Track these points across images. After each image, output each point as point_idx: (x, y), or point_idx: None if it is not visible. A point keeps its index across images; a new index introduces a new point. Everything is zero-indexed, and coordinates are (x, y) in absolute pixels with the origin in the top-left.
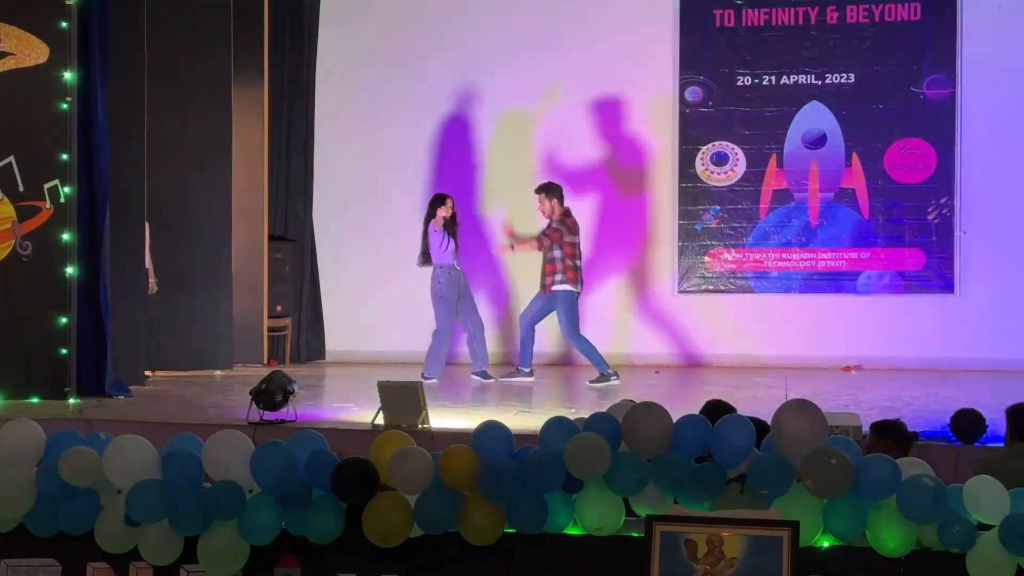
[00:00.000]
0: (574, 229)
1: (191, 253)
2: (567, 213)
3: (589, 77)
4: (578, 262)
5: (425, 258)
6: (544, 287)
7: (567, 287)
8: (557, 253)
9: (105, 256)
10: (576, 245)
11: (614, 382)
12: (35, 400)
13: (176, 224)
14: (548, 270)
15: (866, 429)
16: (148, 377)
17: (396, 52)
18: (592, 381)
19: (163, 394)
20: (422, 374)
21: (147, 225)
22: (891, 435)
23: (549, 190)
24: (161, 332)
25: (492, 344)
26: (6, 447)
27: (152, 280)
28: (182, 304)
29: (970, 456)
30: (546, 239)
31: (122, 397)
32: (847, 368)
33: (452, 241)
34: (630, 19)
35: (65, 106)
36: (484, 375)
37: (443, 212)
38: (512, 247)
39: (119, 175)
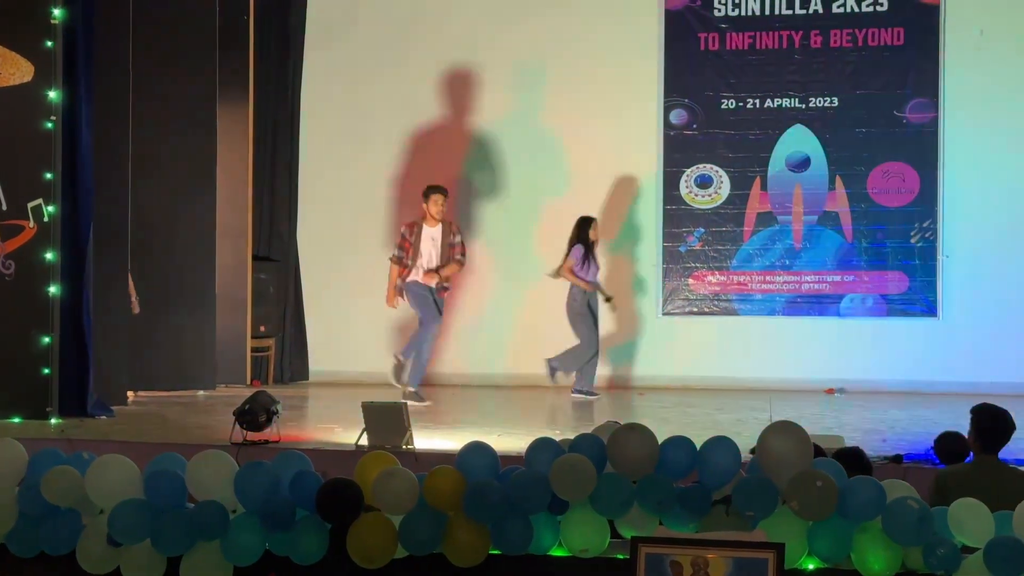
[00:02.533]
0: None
1: (175, 273)
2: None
3: (574, 99)
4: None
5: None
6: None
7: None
8: (463, 259)
9: (88, 275)
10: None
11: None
12: (17, 420)
13: (160, 244)
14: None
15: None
16: (131, 397)
17: (381, 75)
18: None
19: (146, 414)
20: (576, 390)
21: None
22: (851, 463)
23: (446, 192)
24: (144, 352)
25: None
26: None
27: (134, 300)
28: (165, 324)
29: None
30: (452, 250)
31: (104, 417)
32: (830, 391)
33: (594, 263)
34: (615, 42)
35: (50, 125)
36: (588, 393)
37: (592, 235)
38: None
39: (103, 194)
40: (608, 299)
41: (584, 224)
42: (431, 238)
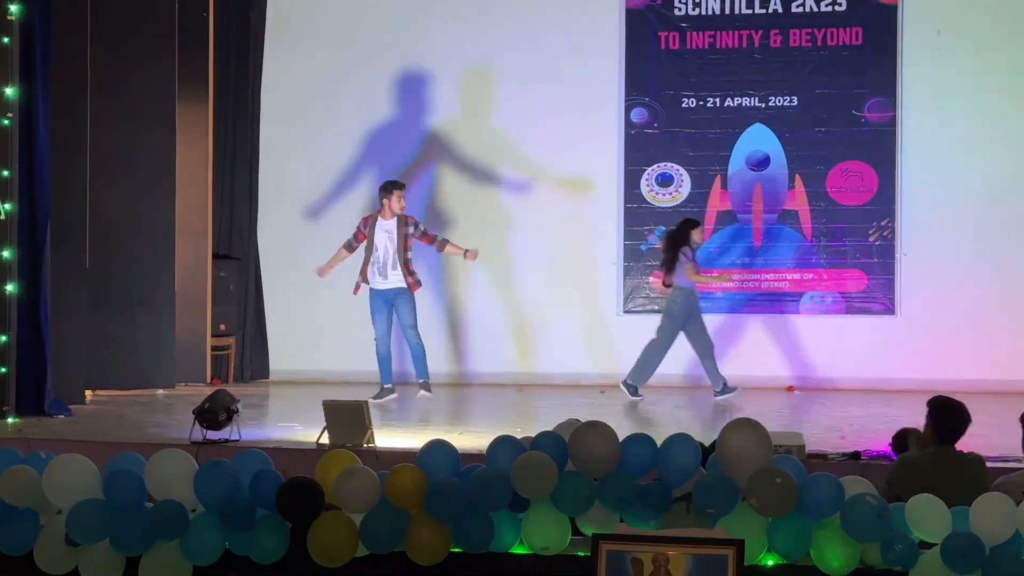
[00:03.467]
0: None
1: (134, 271)
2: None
3: (534, 97)
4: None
5: (668, 274)
6: (410, 286)
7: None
8: (411, 254)
9: (46, 274)
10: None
11: (392, 396)
12: None
13: (119, 242)
14: (411, 270)
15: (810, 448)
16: (89, 396)
17: (341, 73)
18: (375, 397)
19: (104, 413)
20: (625, 382)
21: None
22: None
23: (403, 187)
24: (103, 351)
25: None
26: None
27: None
28: (124, 322)
29: None
30: (406, 243)
31: (62, 416)
32: (790, 388)
33: (696, 264)
34: (576, 41)
35: (6, 122)
36: (726, 390)
37: (696, 237)
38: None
39: (61, 192)
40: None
41: (689, 226)
42: (385, 231)
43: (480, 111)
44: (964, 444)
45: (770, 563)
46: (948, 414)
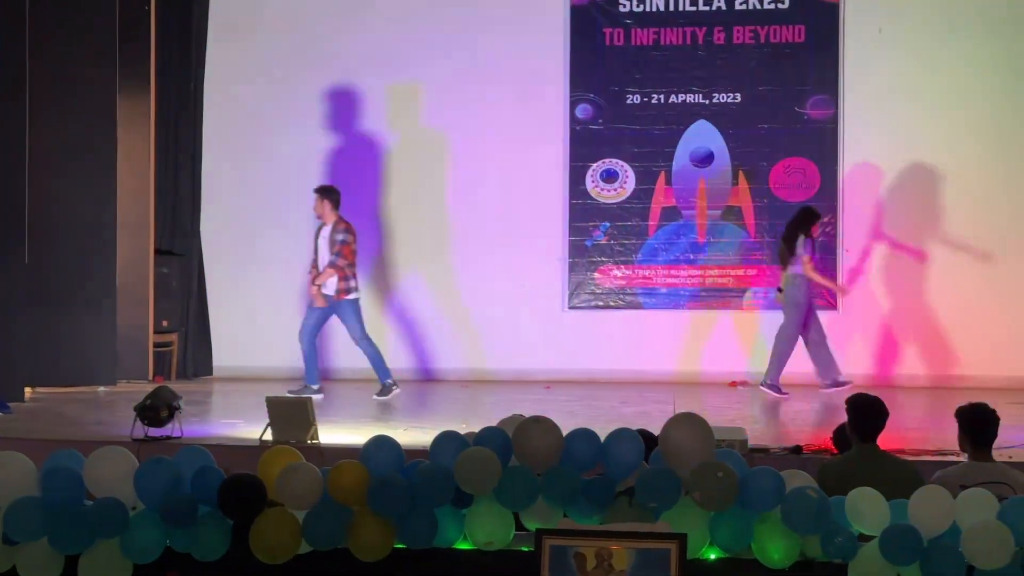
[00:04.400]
0: (355, 235)
1: (74, 266)
2: (345, 220)
3: (479, 93)
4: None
5: (785, 265)
6: (325, 297)
7: (355, 295)
8: (342, 261)
9: None
10: (355, 252)
11: (396, 392)
12: None
13: (59, 236)
14: (343, 276)
15: (753, 443)
16: (28, 393)
17: (285, 71)
18: (378, 394)
19: (43, 410)
20: (765, 382)
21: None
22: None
23: (327, 192)
24: (43, 347)
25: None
26: None
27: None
28: (65, 318)
29: None
30: (339, 259)
31: (1, 413)
32: (734, 383)
33: (816, 255)
34: (519, 36)
35: None
36: (836, 383)
37: (816, 230)
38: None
39: None
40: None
41: (811, 216)
42: (324, 236)
43: (424, 107)
44: (903, 439)
45: (712, 556)
46: (865, 411)
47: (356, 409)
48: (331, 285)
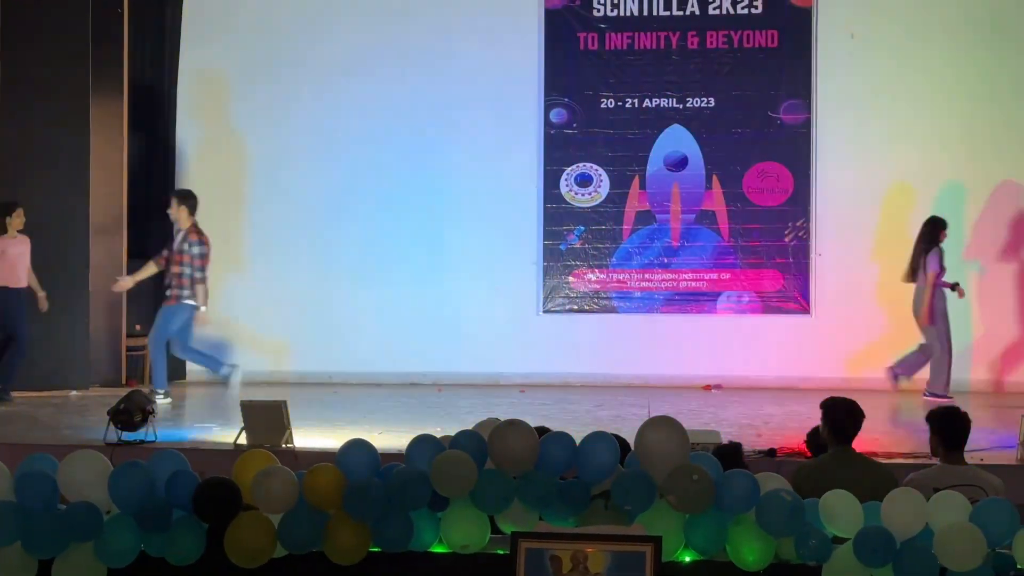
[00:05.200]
0: (208, 244)
1: (47, 270)
2: (198, 227)
3: (453, 97)
4: (207, 275)
5: (914, 277)
6: (170, 299)
7: (194, 302)
8: (187, 270)
9: None
10: (207, 257)
11: (237, 371)
12: None
13: (31, 240)
14: (179, 284)
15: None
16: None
17: (259, 74)
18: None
19: (17, 415)
20: (928, 391)
21: (27, 240)
22: (728, 458)
23: (184, 198)
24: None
25: None
26: None
27: (41, 295)
28: (37, 322)
29: None
30: (178, 257)
31: None
32: (708, 387)
33: (938, 271)
34: (494, 40)
35: None
36: (942, 395)
37: (943, 236)
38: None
39: None
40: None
41: (937, 225)
42: (177, 240)
43: (398, 110)
44: (876, 442)
45: (687, 559)
46: (841, 415)
47: (330, 412)
48: (201, 295)
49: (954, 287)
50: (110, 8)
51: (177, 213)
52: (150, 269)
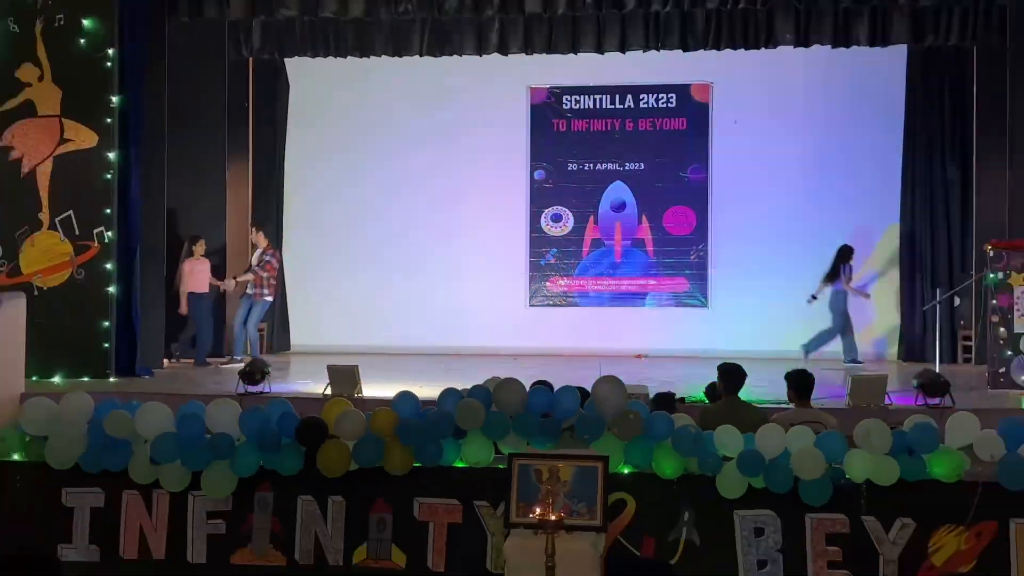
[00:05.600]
0: (278, 258)
1: None
2: (271, 246)
3: (469, 160)
4: (273, 280)
5: (831, 282)
6: (255, 295)
7: (269, 298)
8: (265, 275)
9: (136, 280)
10: (276, 268)
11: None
12: (86, 379)
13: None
14: (259, 285)
15: (652, 396)
16: (166, 364)
17: (346, 145)
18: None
19: (176, 375)
20: (847, 360)
21: (207, 261)
22: (668, 401)
23: (261, 225)
24: (175, 333)
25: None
26: (67, 411)
27: (223, 286)
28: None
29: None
30: (260, 271)
31: (147, 377)
32: (639, 356)
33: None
34: (498, 124)
35: (108, 176)
36: (856, 361)
37: (851, 258)
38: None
39: (147, 226)
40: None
41: (845, 251)
42: (256, 254)
43: (431, 170)
44: (750, 393)
45: (626, 471)
46: (731, 375)
47: (389, 374)
48: (271, 293)
49: (814, 297)
50: (238, 102)
51: (256, 237)
52: (248, 276)
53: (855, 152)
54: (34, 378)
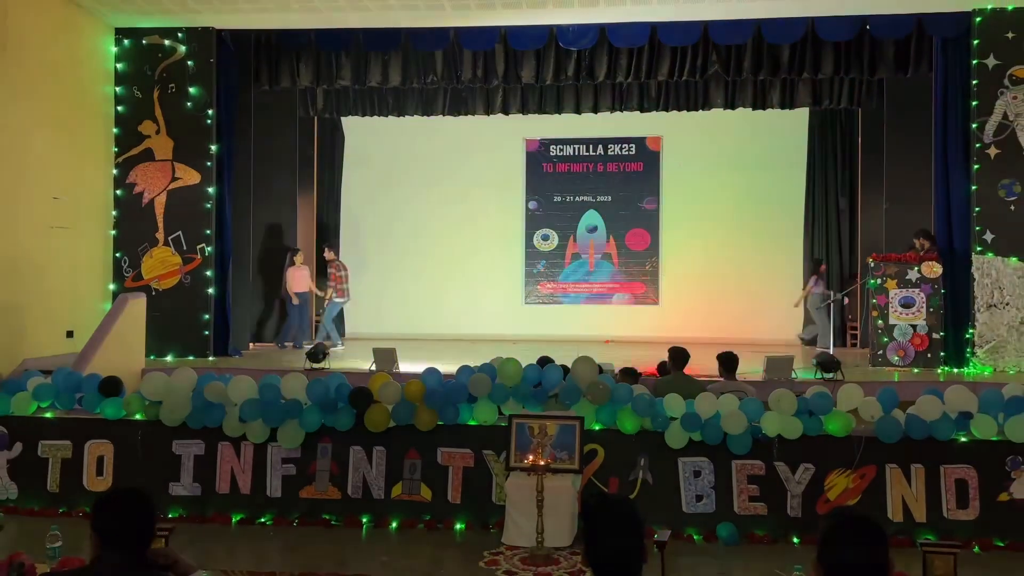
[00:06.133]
0: (344, 268)
1: (275, 284)
2: (339, 259)
3: (476, 193)
4: (342, 285)
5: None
6: (333, 297)
7: (340, 299)
8: (334, 283)
9: (229, 283)
10: (343, 277)
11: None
12: (191, 357)
13: (267, 269)
14: (333, 289)
15: (617, 371)
16: (251, 347)
17: (393, 184)
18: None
19: (259, 355)
20: (819, 347)
21: (307, 267)
22: (629, 374)
23: (330, 243)
24: (259, 322)
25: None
26: (177, 380)
27: (320, 294)
28: (271, 308)
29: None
30: (335, 282)
31: (237, 356)
32: (608, 341)
33: (823, 283)
34: (498, 164)
35: (208, 206)
36: (810, 342)
37: (823, 269)
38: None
39: (237, 243)
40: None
41: (819, 262)
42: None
43: (445, 200)
44: (691, 370)
45: (597, 427)
46: (678, 355)
47: (419, 354)
48: (341, 295)
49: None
50: (305, 147)
51: (327, 254)
52: (328, 293)
53: (769, 187)
54: (152, 356)
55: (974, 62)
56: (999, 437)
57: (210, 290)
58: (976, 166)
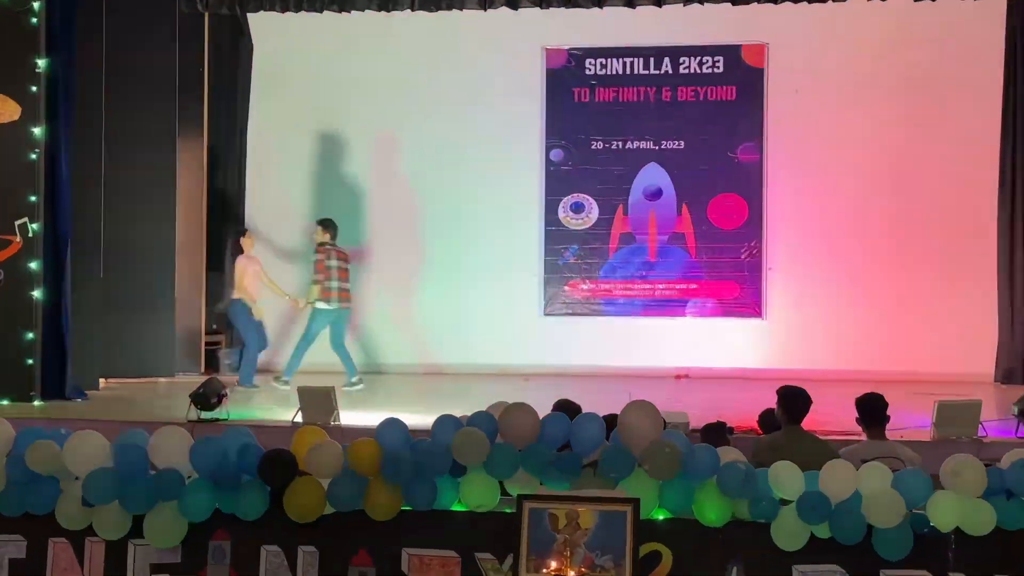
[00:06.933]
0: (332, 255)
1: (140, 280)
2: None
3: (472, 138)
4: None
5: None
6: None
7: (322, 305)
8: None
9: (67, 282)
10: (325, 266)
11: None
12: (5, 402)
13: (128, 256)
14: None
15: (693, 425)
16: (102, 384)
17: (314, 121)
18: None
19: (115, 398)
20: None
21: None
22: (714, 431)
23: (326, 225)
24: (114, 345)
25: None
26: None
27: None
28: (133, 323)
29: None
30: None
31: (80, 400)
32: (678, 376)
33: None
34: (506, 93)
35: (34, 156)
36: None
37: None
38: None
39: (79, 214)
40: None
41: None
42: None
43: (427, 149)
44: (815, 421)
45: (660, 517)
46: (793, 400)
47: (372, 397)
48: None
49: None
50: (191, 67)
51: (323, 234)
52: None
53: (949, 125)
54: None
55: None
56: None
57: (36, 293)
58: None
